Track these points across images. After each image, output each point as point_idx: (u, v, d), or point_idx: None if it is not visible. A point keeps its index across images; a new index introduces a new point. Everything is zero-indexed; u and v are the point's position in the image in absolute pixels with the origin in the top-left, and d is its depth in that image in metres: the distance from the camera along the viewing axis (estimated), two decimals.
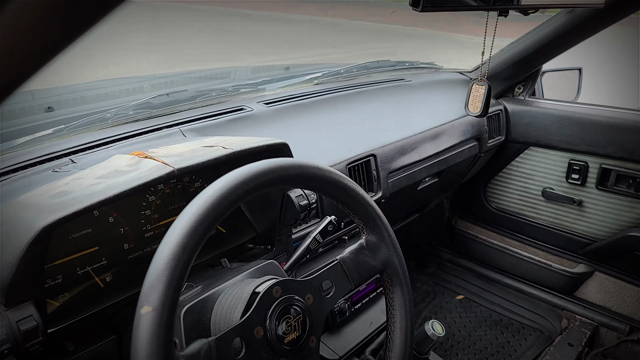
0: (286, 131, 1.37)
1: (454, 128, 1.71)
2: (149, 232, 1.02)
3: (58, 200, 0.76)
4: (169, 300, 0.58)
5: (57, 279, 0.89)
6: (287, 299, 0.73)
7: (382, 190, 1.45)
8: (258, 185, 0.67)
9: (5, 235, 0.72)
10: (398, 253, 0.84)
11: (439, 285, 2.19)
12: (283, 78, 1.75)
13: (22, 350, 0.70)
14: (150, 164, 0.84)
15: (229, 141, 0.95)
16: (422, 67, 2.03)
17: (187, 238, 0.60)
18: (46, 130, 1.16)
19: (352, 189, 0.79)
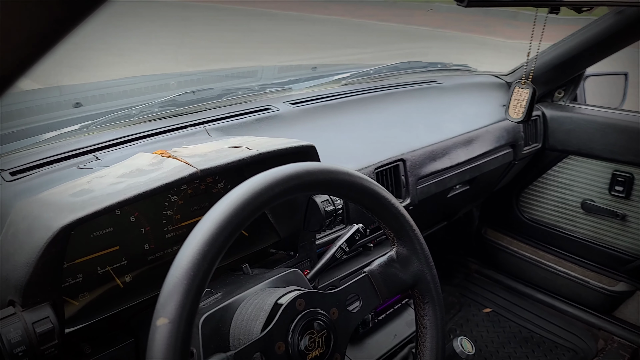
0: (312, 132, 1.33)
1: (487, 133, 1.64)
2: (170, 232, 0.99)
3: (79, 199, 0.73)
4: (186, 312, 0.54)
5: (77, 277, 0.87)
6: (311, 313, 0.69)
7: (411, 196, 1.39)
8: (284, 191, 0.63)
9: (25, 233, 0.70)
10: (431, 267, 0.79)
11: (465, 296, 2.12)
12: (310, 78, 1.71)
13: (37, 353, 0.68)
14: (173, 163, 0.81)
15: (254, 142, 0.92)
16: (455, 68, 1.97)
17: (208, 246, 0.57)
18: (73, 126, 1.15)
19: (384, 198, 0.74)
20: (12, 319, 0.67)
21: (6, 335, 0.65)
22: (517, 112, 0.89)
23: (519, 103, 0.88)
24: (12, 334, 0.66)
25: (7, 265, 0.70)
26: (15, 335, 0.66)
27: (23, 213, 0.74)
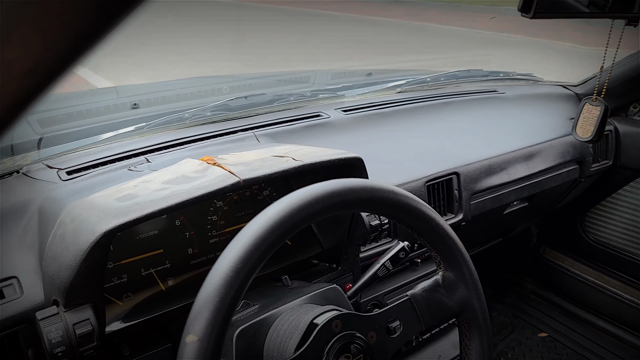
0: (362, 141, 1.30)
1: (551, 148, 1.54)
2: (214, 238, 1.00)
3: (123, 203, 0.74)
4: (215, 330, 0.53)
5: (122, 278, 0.88)
6: (347, 336, 0.66)
7: (464, 212, 1.33)
8: (324, 209, 0.61)
9: (71, 235, 0.72)
10: (479, 295, 0.74)
11: (518, 317, 2.00)
12: (364, 84, 1.67)
13: (76, 354, 0.69)
14: (217, 172, 0.81)
15: (299, 152, 0.90)
16: (518, 78, 1.86)
17: (242, 263, 0.55)
18: (128, 127, 1.18)
19: (431, 218, 0.70)
20: (55, 319, 0.69)
21: (48, 335, 0.67)
22: (585, 131, 0.82)
23: (588, 121, 0.81)
24: (53, 334, 0.67)
25: (54, 266, 0.72)
26: (56, 335, 0.67)
27: (72, 215, 0.76)
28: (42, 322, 0.68)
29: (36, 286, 0.79)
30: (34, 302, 0.77)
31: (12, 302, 0.76)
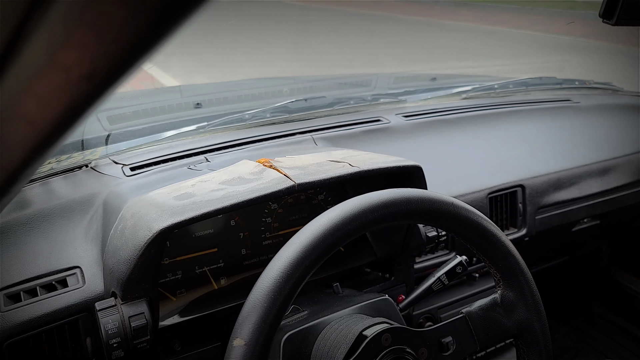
0: (423, 149, 1.26)
1: (629, 163, 1.43)
2: (267, 240, 1.00)
3: (180, 202, 0.76)
4: (262, 336, 0.52)
5: (177, 274, 0.90)
6: (397, 351, 0.63)
7: (527, 227, 1.25)
8: (377, 219, 0.59)
9: (131, 230, 0.74)
10: (541, 317, 0.69)
11: (583, 342, 1.87)
12: (427, 89, 1.63)
13: (130, 346, 0.71)
14: (272, 175, 0.81)
15: (356, 158, 0.88)
16: (595, 87, 1.74)
17: (292, 269, 0.54)
18: (190, 126, 1.21)
19: (493, 234, 0.66)
20: (112, 310, 0.71)
21: (105, 326, 0.69)
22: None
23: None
24: (110, 325, 0.69)
25: (114, 259, 0.75)
26: (113, 326, 0.70)
27: (132, 210, 0.78)
28: (100, 313, 0.70)
29: (97, 277, 0.82)
30: (94, 293, 0.80)
31: (74, 291, 0.79)
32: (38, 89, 0.21)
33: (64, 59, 0.19)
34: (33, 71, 0.20)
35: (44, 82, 0.21)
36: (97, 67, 0.20)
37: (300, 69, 3.76)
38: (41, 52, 0.19)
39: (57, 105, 0.22)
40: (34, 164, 0.29)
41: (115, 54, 0.19)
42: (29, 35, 0.19)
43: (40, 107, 0.22)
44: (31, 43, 0.19)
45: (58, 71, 0.20)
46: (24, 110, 0.23)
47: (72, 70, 0.20)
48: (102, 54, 0.19)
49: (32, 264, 0.82)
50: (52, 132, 0.24)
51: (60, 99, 0.22)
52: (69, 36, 0.19)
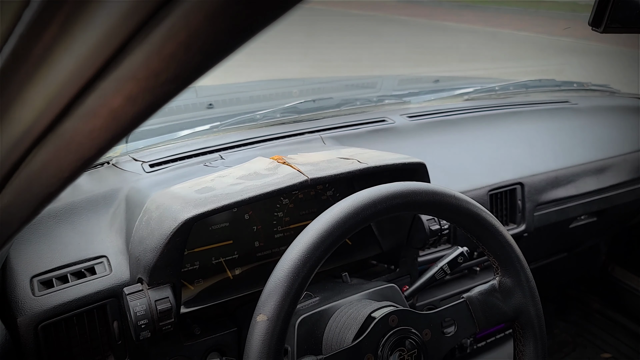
0: (426, 148, 1.32)
1: (625, 163, 1.48)
2: (279, 233, 1.06)
3: (202, 195, 0.82)
4: (283, 312, 0.58)
5: (195, 264, 0.96)
6: (403, 331, 0.69)
7: (526, 223, 1.31)
8: (386, 209, 0.65)
9: (156, 221, 0.80)
10: (536, 302, 0.75)
11: (581, 336, 1.93)
12: (431, 91, 1.69)
13: (157, 328, 0.77)
14: (286, 170, 0.87)
15: (364, 155, 0.94)
16: (593, 89, 1.80)
17: (309, 254, 0.60)
18: (204, 125, 1.27)
19: (491, 225, 0.72)
20: (140, 294, 0.77)
21: (134, 308, 0.75)
22: None
23: None
24: (138, 308, 0.75)
25: (140, 248, 0.81)
26: (141, 309, 0.75)
27: (156, 203, 0.84)
28: (129, 297, 0.76)
29: (123, 265, 0.88)
30: (120, 280, 0.86)
31: (102, 278, 0.85)
32: (130, 89, 0.27)
33: (157, 66, 0.25)
34: (129, 76, 0.26)
35: (137, 84, 0.27)
36: (181, 72, 0.26)
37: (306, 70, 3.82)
38: (139, 60, 0.25)
39: (141, 103, 0.28)
40: (105, 153, 0.35)
41: (198, 62, 0.25)
42: (132, 49, 0.25)
43: (127, 104, 0.28)
44: (132, 54, 0.25)
45: (150, 76, 0.26)
46: (112, 107, 0.29)
47: (161, 75, 0.26)
48: (187, 61, 0.25)
49: (62, 253, 0.87)
50: (130, 126, 0.31)
51: (146, 98, 0.28)
52: (164, 49, 0.24)
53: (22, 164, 0.37)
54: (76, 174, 0.37)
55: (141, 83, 0.27)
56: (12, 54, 0.28)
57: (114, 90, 0.28)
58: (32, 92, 0.31)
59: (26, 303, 0.79)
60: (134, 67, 0.26)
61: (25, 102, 0.31)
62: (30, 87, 0.30)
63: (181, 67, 0.25)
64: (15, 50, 0.28)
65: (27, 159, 0.36)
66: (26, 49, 0.28)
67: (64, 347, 0.81)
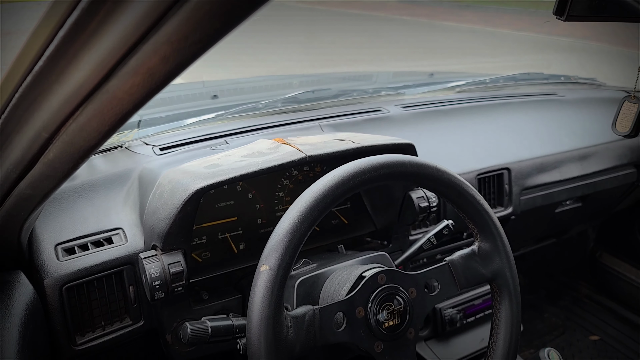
0: (419, 135, 1.40)
1: (608, 151, 1.56)
2: (279, 211, 1.14)
3: (210, 170, 0.90)
4: (284, 263, 0.66)
5: (202, 238, 1.04)
6: (391, 288, 0.77)
7: (513, 206, 1.39)
8: (375, 177, 0.73)
9: (169, 193, 0.88)
10: (511, 265, 0.83)
11: (570, 320, 2.01)
12: (425, 84, 1.77)
13: (170, 289, 0.85)
14: (287, 149, 0.95)
15: (358, 137, 1.02)
16: (580, 82, 1.88)
17: (306, 213, 0.68)
18: (209, 114, 1.35)
19: (469, 194, 0.80)
20: (154, 259, 0.85)
21: (149, 271, 0.83)
22: (624, 127, 0.88)
23: (626, 117, 0.87)
24: (153, 270, 0.84)
25: (154, 218, 0.89)
26: (155, 271, 0.84)
27: (168, 178, 0.92)
28: (145, 261, 0.85)
29: (137, 236, 0.97)
30: (135, 248, 0.94)
31: (119, 247, 0.94)
32: (164, 51, 0.35)
33: (186, 30, 0.34)
34: (165, 40, 0.35)
35: (170, 46, 0.35)
36: (205, 35, 0.34)
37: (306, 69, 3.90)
38: (173, 26, 0.34)
39: (172, 62, 0.36)
40: (139, 109, 0.43)
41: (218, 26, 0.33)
42: (168, 18, 0.33)
43: (161, 64, 0.37)
44: (168, 22, 0.33)
45: (181, 39, 0.34)
46: (149, 65, 0.37)
47: (189, 37, 0.34)
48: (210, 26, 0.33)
49: (82, 224, 0.96)
50: (162, 83, 0.39)
51: (176, 58, 0.36)
52: (192, 17, 0.33)
53: (70, 120, 0.45)
54: (115, 128, 0.45)
55: (174, 45, 0.35)
56: (72, 25, 0.37)
57: (151, 52, 0.36)
58: (85, 57, 0.39)
59: (51, 267, 0.88)
60: (169, 31, 0.34)
61: (80, 65, 0.40)
62: (84, 53, 0.39)
63: (205, 31, 0.34)
64: (76, 21, 0.36)
65: (75, 114, 0.44)
66: (84, 22, 0.36)
67: (85, 308, 0.90)
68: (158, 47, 0.35)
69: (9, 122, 0.49)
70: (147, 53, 0.36)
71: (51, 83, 0.42)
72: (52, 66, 0.41)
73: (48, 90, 0.43)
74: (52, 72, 0.41)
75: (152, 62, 0.37)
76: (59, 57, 0.40)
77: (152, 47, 0.36)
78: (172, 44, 0.35)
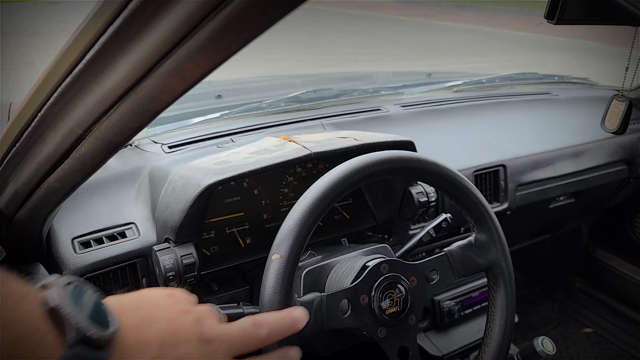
0: (418, 133, 1.44)
1: (600, 148, 1.61)
2: (284, 207, 1.18)
3: (220, 166, 0.94)
4: (294, 252, 0.71)
5: (211, 233, 1.09)
6: (393, 277, 0.82)
7: (509, 201, 1.44)
8: (377, 172, 0.77)
9: (181, 188, 0.93)
10: (506, 256, 0.87)
11: (565, 313, 2.06)
12: (423, 83, 1.82)
13: (182, 280, 0.90)
14: (292, 146, 0.99)
15: (360, 135, 1.07)
16: (573, 82, 1.93)
17: (313, 206, 0.73)
18: (215, 113, 1.40)
19: (466, 187, 0.84)
20: (167, 251, 0.90)
21: (163, 262, 0.88)
22: (612, 124, 0.93)
23: (615, 115, 0.92)
24: (166, 262, 0.88)
25: (167, 212, 0.93)
26: (169, 263, 0.88)
27: (180, 174, 0.97)
28: (158, 253, 0.89)
29: (150, 230, 1.01)
30: (148, 242, 0.99)
31: (132, 241, 0.98)
32: (197, 55, 0.40)
33: (217, 37, 0.38)
34: (198, 45, 0.39)
35: (202, 51, 0.39)
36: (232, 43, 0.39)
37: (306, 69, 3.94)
38: (206, 36, 0.38)
39: (203, 64, 0.41)
40: (168, 107, 0.47)
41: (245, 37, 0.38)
42: (202, 29, 0.38)
43: (194, 65, 0.41)
44: (201, 32, 0.38)
45: (212, 44, 0.39)
46: (183, 68, 0.42)
47: (220, 43, 0.39)
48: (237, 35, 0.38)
49: (97, 219, 1.00)
50: (192, 83, 0.43)
51: (207, 61, 0.41)
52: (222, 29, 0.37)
53: (103, 117, 0.50)
54: (144, 124, 0.50)
55: (206, 49, 0.39)
56: (114, 32, 0.41)
57: (185, 56, 0.40)
58: (123, 61, 0.43)
59: (69, 259, 0.92)
60: (202, 38, 0.38)
61: (117, 68, 0.44)
62: (122, 57, 0.43)
63: (233, 38, 0.38)
64: (118, 28, 0.40)
65: (109, 112, 0.49)
66: (125, 29, 0.41)
67: None
68: (191, 51, 0.40)
69: (44, 119, 0.54)
70: (182, 56, 0.41)
71: (89, 84, 0.47)
72: (92, 69, 0.45)
73: (85, 90, 0.48)
74: (90, 74, 0.46)
75: (185, 65, 0.41)
76: (99, 61, 0.44)
77: (186, 52, 0.40)
78: (204, 48, 0.39)
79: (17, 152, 0.61)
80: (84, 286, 0.42)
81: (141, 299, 0.48)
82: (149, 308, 0.47)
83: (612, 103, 0.89)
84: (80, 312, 0.38)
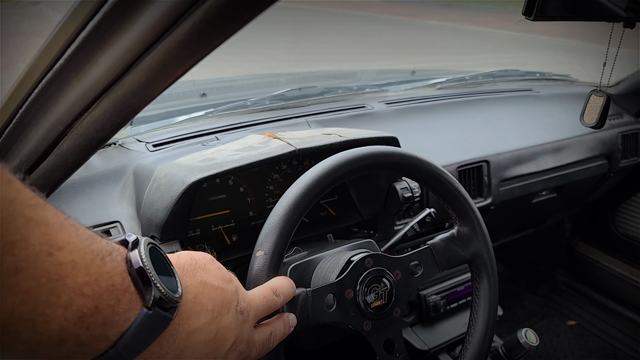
0: (402, 129, 1.45)
1: (580, 143, 1.64)
2: (270, 204, 1.18)
3: (205, 164, 0.94)
4: (278, 248, 0.71)
5: (196, 231, 1.09)
6: (377, 271, 0.83)
7: (492, 196, 1.46)
8: (360, 167, 0.78)
9: (166, 186, 0.93)
10: (488, 248, 0.89)
11: (549, 307, 2.09)
12: (407, 81, 1.83)
13: None
14: (277, 143, 1.00)
15: (345, 131, 1.08)
16: (554, 78, 1.96)
17: (297, 202, 0.74)
18: (199, 112, 1.39)
19: (448, 181, 0.86)
20: None
21: None
22: (590, 118, 0.95)
23: (593, 110, 0.94)
24: None
25: (151, 210, 0.93)
26: None
27: (165, 172, 0.97)
28: None
29: (135, 229, 1.00)
30: None
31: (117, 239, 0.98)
32: (177, 50, 0.40)
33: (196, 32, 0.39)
34: (178, 40, 0.39)
35: (182, 46, 0.40)
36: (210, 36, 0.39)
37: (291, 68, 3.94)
38: (186, 31, 0.39)
39: (183, 59, 0.41)
40: (151, 102, 0.48)
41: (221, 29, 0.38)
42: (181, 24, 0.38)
43: (174, 60, 0.41)
44: (181, 27, 0.38)
45: (192, 39, 0.39)
46: (163, 63, 0.42)
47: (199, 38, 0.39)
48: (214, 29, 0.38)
49: (81, 218, 0.98)
50: (173, 78, 0.44)
51: (187, 56, 0.41)
52: (201, 24, 0.38)
53: (85, 113, 0.50)
54: (126, 120, 0.50)
55: (185, 44, 0.40)
56: (93, 27, 0.41)
57: (165, 51, 0.41)
58: (104, 56, 0.44)
59: None
60: (182, 33, 0.39)
61: (98, 63, 0.44)
62: (103, 52, 0.43)
63: (212, 33, 0.39)
64: (98, 24, 0.41)
65: (90, 108, 0.49)
66: (104, 25, 0.41)
67: None
68: (172, 46, 0.40)
69: (26, 116, 0.53)
70: (162, 51, 0.41)
71: (70, 79, 0.47)
72: (72, 64, 0.45)
73: (66, 86, 0.48)
74: (71, 70, 0.46)
75: (166, 59, 0.42)
76: (79, 56, 0.44)
77: (167, 46, 0.40)
78: (184, 43, 0.40)
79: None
80: (159, 248, 0.44)
81: (195, 263, 0.51)
82: (202, 273, 0.50)
83: (591, 98, 0.91)
84: (158, 275, 0.40)
